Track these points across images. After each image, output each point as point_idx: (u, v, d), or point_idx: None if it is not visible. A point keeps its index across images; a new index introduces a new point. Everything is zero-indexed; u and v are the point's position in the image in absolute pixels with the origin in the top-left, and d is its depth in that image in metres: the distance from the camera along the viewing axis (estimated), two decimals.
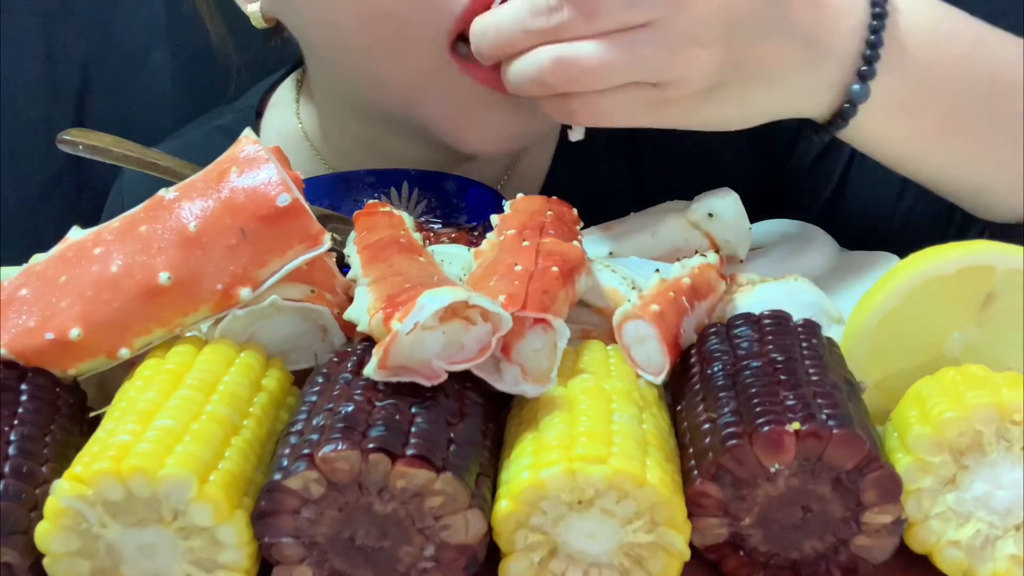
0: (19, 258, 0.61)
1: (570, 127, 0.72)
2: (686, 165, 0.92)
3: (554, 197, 0.69)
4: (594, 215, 0.72)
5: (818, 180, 0.92)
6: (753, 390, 0.52)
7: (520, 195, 0.70)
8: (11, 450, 0.51)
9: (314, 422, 0.50)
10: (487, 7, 0.72)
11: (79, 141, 0.81)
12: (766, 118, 0.73)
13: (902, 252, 0.75)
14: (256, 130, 1.01)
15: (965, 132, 0.76)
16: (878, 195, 0.89)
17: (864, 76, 0.71)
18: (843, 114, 0.72)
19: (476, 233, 0.77)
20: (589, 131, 0.72)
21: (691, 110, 0.69)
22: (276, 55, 1.00)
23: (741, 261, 0.74)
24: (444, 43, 0.76)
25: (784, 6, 0.69)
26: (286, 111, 1.01)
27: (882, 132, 0.74)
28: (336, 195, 0.85)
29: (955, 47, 0.75)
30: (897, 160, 0.77)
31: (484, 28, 0.71)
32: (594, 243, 0.73)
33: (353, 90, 0.89)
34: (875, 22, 0.72)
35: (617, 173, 0.95)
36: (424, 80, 0.80)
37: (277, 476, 0.49)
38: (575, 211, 0.69)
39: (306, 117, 0.99)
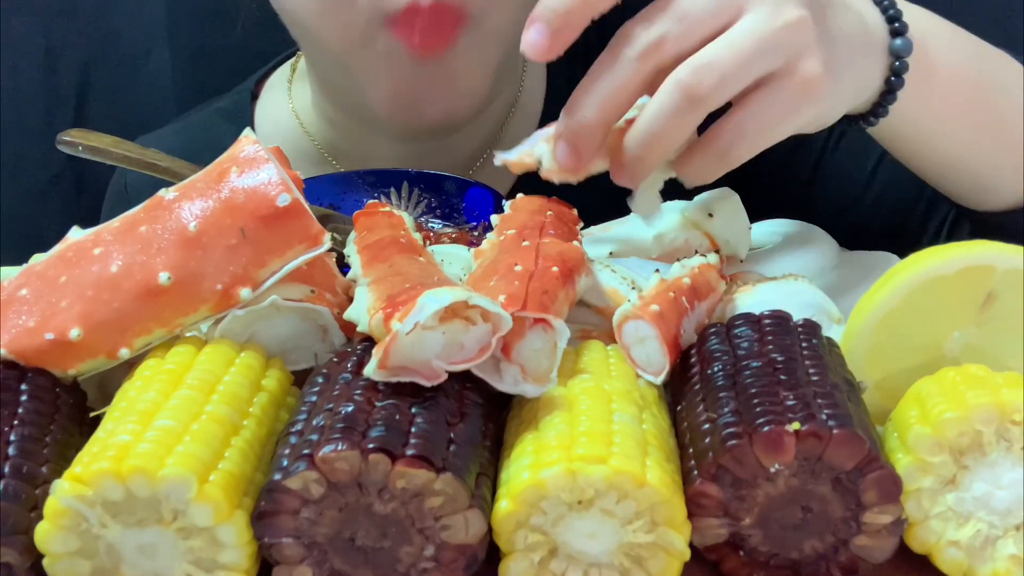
0: (19, 258, 0.61)
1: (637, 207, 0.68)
2: None
3: (554, 197, 0.69)
4: (589, 211, 0.72)
5: (789, 173, 0.94)
6: (753, 390, 0.52)
7: (520, 195, 0.70)
8: (11, 450, 0.51)
9: (314, 422, 0.50)
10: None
11: (79, 142, 0.81)
12: (858, 95, 0.72)
13: (872, 240, 0.75)
14: (251, 113, 1.04)
15: (985, 103, 0.77)
16: (847, 187, 0.90)
17: (899, 31, 0.71)
18: (896, 71, 0.71)
19: (476, 233, 0.77)
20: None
21: (824, 91, 0.65)
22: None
23: (741, 261, 0.74)
24: (380, 20, 0.81)
25: None
26: (279, 94, 1.04)
27: (917, 105, 0.74)
28: (336, 195, 0.85)
29: (944, 31, 0.77)
30: (926, 138, 0.77)
31: (586, 87, 0.64)
32: (594, 243, 0.73)
33: (309, 56, 0.93)
34: None
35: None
36: (357, 48, 0.85)
37: (277, 476, 0.49)
38: (575, 211, 0.69)
39: (297, 96, 1.02)
